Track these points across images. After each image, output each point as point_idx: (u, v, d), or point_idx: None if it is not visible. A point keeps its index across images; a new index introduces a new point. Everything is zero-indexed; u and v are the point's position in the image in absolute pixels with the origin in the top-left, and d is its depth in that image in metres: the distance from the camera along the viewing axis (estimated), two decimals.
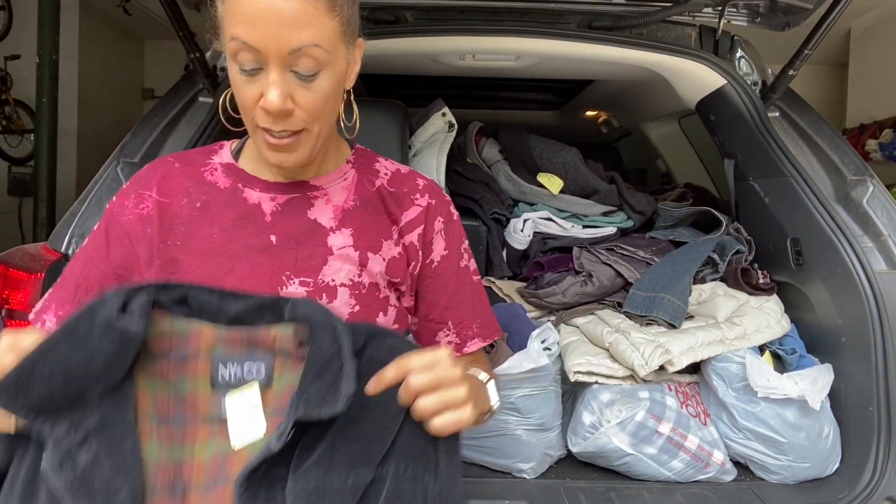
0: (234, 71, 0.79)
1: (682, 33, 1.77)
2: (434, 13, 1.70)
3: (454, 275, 0.97)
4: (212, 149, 0.98)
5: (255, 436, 0.66)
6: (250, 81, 0.78)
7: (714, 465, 1.51)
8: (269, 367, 0.67)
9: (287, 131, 0.80)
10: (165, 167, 0.93)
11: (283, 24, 0.73)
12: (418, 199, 0.96)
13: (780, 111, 1.75)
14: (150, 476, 0.63)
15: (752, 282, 1.73)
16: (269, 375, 0.67)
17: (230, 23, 0.75)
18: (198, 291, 0.68)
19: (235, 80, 0.80)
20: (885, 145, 4.74)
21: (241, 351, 0.68)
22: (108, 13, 5.18)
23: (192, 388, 0.67)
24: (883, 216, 1.52)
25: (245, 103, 0.80)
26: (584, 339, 1.69)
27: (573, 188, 2.07)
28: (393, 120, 1.82)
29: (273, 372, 0.67)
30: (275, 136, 0.81)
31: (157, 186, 0.90)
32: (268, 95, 0.76)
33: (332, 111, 0.85)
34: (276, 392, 0.67)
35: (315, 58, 0.77)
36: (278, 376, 0.68)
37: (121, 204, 0.90)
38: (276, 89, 0.76)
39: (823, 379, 1.48)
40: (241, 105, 0.82)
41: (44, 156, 3.37)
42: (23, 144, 4.94)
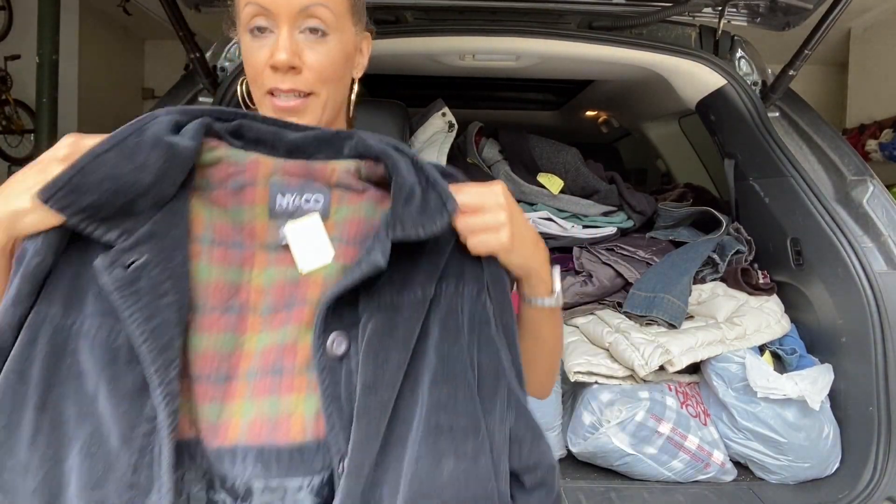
0: (247, 39, 0.82)
1: (682, 33, 1.77)
2: (434, 13, 1.70)
3: None
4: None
5: (324, 261, 0.68)
6: (261, 45, 0.81)
7: (714, 465, 1.51)
8: (326, 199, 0.69)
9: (295, 91, 0.82)
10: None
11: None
12: None
13: (780, 111, 1.75)
14: (200, 293, 0.65)
15: (752, 282, 1.73)
16: (326, 207, 0.69)
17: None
18: (254, 121, 0.69)
19: (247, 49, 0.83)
20: (885, 145, 4.74)
21: (299, 182, 0.69)
22: (108, 13, 5.18)
23: (250, 216, 0.68)
24: (883, 216, 1.52)
25: (255, 67, 0.82)
26: (584, 339, 1.69)
27: (573, 188, 2.07)
28: (393, 120, 1.82)
29: (330, 205, 0.69)
30: (282, 98, 0.82)
31: None
32: (276, 50, 0.79)
33: (341, 81, 0.87)
34: (336, 222, 0.70)
35: (322, 18, 0.81)
36: (336, 209, 0.70)
37: None
38: (285, 43, 0.80)
39: (823, 379, 1.48)
40: (251, 72, 0.83)
41: None
42: (23, 144, 4.94)
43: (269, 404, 0.65)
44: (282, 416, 0.65)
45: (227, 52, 1.62)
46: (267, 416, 0.65)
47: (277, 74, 0.81)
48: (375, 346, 0.65)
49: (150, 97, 6.03)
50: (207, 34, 1.56)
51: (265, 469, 0.63)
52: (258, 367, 0.66)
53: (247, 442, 0.64)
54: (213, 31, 1.26)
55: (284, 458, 0.64)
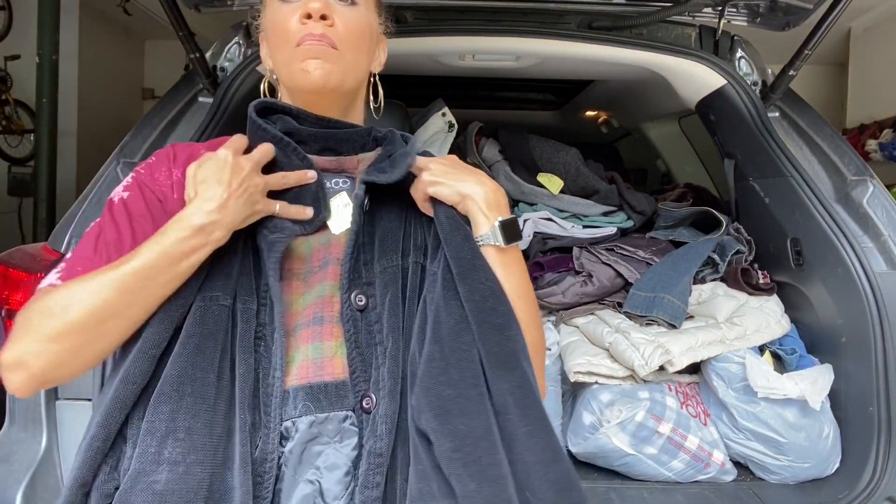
0: (277, 7, 0.87)
1: (682, 33, 1.77)
2: (434, 13, 1.70)
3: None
4: (221, 142, 0.98)
5: (347, 225, 0.86)
6: (292, 8, 0.86)
7: (714, 465, 1.51)
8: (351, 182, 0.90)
9: (324, 40, 0.85)
10: (190, 148, 0.93)
11: None
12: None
13: (780, 111, 1.75)
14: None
15: (752, 282, 1.73)
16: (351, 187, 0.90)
17: None
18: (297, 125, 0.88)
19: (275, 13, 0.88)
20: (885, 145, 4.74)
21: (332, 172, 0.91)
22: (108, 13, 5.17)
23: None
24: (883, 216, 1.52)
25: (285, 26, 0.86)
26: (584, 339, 1.69)
27: (573, 188, 2.07)
28: (393, 120, 1.82)
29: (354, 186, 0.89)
30: (312, 44, 0.85)
31: (182, 167, 0.88)
32: (309, 2, 0.84)
33: (363, 56, 0.91)
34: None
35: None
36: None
37: (152, 178, 0.87)
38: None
39: (823, 379, 1.48)
40: (280, 33, 0.87)
41: (44, 156, 3.37)
42: (23, 144, 4.93)
43: (314, 349, 0.78)
44: (325, 357, 0.78)
45: (227, 52, 1.62)
46: (312, 358, 0.77)
47: (309, 24, 0.85)
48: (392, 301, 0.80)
49: (150, 97, 6.02)
50: (207, 34, 1.56)
51: (315, 403, 0.75)
52: (303, 320, 0.79)
53: (297, 382, 0.76)
54: (213, 31, 1.27)
55: (331, 392, 0.76)
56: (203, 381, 0.72)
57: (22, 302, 1.29)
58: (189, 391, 0.71)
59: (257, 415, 0.74)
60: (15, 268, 1.33)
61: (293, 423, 0.75)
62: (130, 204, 0.83)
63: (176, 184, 0.87)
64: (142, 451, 0.69)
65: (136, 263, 0.72)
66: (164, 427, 0.69)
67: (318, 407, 0.75)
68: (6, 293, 1.31)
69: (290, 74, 0.87)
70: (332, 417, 0.76)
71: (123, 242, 0.80)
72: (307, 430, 0.74)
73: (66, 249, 1.36)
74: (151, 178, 0.86)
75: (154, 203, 0.84)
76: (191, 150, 0.92)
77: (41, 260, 1.34)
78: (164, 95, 1.61)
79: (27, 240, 4.51)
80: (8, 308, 1.31)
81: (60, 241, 1.37)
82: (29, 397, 1.32)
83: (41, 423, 1.31)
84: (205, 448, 0.70)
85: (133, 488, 0.67)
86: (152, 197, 0.85)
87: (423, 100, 2.28)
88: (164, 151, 0.91)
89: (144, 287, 0.72)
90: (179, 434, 0.69)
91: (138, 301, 0.73)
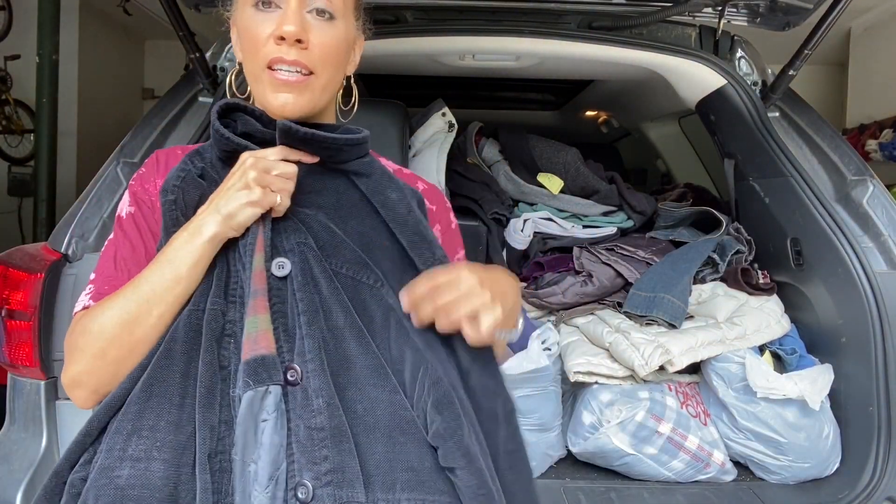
0: (248, 12, 0.83)
1: (682, 33, 1.77)
2: (434, 13, 1.70)
3: None
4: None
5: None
6: (266, 18, 0.82)
7: (714, 465, 1.51)
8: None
9: (297, 66, 0.82)
10: (172, 157, 0.92)
11: None
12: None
13: (780, 111, 1.75)
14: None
15: (752, 282, 1.73)
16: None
17: None
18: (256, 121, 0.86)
19: (248, 19, 0.83)
20: (885, 145, 4.73)
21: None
22: (108, 13, 5.17)
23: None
24: (883, 216, 1.52)
25: (256, 40, 0.83)
26: (584, 339, 1.69)
27: (573, 188, 2.07)
28: (393, 120, 1.82)
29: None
30: (284, 72, 0.82)
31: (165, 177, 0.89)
32: (285, 21, 0.81)
33: (339, 69, 0.88)
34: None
35: (332, 1, 0.84)
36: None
37: (143, 188, 0.89)
38: (295, 16, 0.81)
39: (823, 379, 1.48)
40: (250, 45, 0.84)
41: (44, 156, 3.37)
42: (23, 144, 4.93)
43: (250, 323, 0.76)
44: (260, 331, 0.75)
45: (227, 52, 1.62)
46: (248, 333, 0.75)
47: (282, 46, 0.81)
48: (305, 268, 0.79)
49: (150, 97, 6.01)
50: (207, 34, 1.55)
51: (253, 378, 0.72)
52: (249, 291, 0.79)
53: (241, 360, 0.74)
54: (213, 31, 1.26)
55: (269, 364, 0.74)
56: (169, 382, 0.74)
57: (22, 301, 1.30)
58: (156, 392, 0.73)
59: (224, 412, 0.74)
60: (15, 268, 1.33)
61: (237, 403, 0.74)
62: (136, 218, 0.86)
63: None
64: (109, 448, 0.72)
65: (150, 276, 0.77)
66: (130, 426, 0.72)
67: (255, 381, 0.73)
68: (6, 293, 1.31)
69: (261, 94, 0.86)
70: (273, 391, 0.73)
71: (138, 256, 0.84)
72: (248, 406, 0.72)
73: (66, 249, 1.36)
74: (144, 190, 0.89)
75: (148, 213, 0.87)
76: (170, 154, 0.93)
77: (41, 260, 1.34)
78: (164, 95, 1.61)
79: (27, 240, 4.51)
80: (8, 308, 1.31)
81: (60, 241, 1.37)
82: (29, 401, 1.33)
83: (41, 423, 1.31)
84: (168, 446, 0.71)
85: (97, 482, 0.70)
86: (146, 208, 0.87)
87: (423, 100, 2.28)
88: (151, 161, 0.92)
89: (160, 298, 0.76)
90: (144, 432, 0.71)
91: (159, 308, 0.76)
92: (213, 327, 0.76)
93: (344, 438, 0.72)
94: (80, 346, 0.77)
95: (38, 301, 1.28)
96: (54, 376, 1.32)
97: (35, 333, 1.28)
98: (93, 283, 0.84)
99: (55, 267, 1.32)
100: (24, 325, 1.29)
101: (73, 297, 1.30)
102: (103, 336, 0.76)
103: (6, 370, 1.35)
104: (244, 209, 0.77)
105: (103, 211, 1.39)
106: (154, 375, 0.74)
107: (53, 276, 1.32)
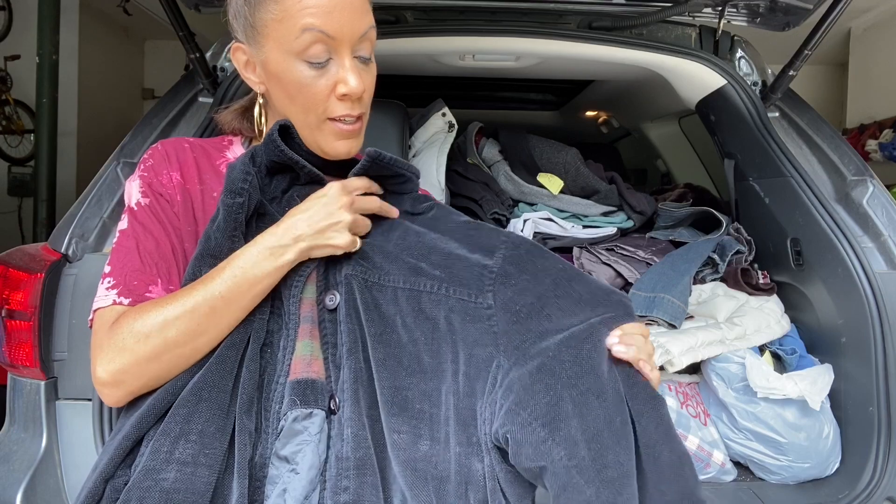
0: (301, 68, 0.82)
1: (682, 33, 1.77)
2: (434, 13, 1.70)
3: None
4: (220, 143, 0.98)
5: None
6: (321, 74, 0.82)
7: (714, 465, 1.51)
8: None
9: (354, 116, 0.85)
10: (181, 151, 0.92)
11: (355, 10, 0.81)
12: None
13: (780, 111, 1.75)
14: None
15: (752, 282, 1.73)
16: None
17: (298, 17, 0.79)
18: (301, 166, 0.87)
19: (302, 77, 0.82)
20: (885, 145, 4.74)
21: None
22: (108, 13, 5.18)
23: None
24: (883, 216, 1.52)
25: (316, 97, 0.83)
26: None
27: (573, 188, 2.07)
28: (393, 120, 1.82)
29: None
30: (347, 122, 0.85)
31: (179, 170, 0.89)
32: (349, 80, 0.82)
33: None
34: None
35: (372, 41, 0.85)
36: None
37: (157, 180, 0.87)
38: (356, 73, 0.82)
39: (823, 379, 1.48)
40: (308, 101, 0.83)
41: (44, 156, 3.37)
42: (23, 144, 4.93)
43: (304, 346, 0.80)
44: (313, 355, 0.79)
45: (227, 52, 1.62)
46: (301, 355, 0.79)
47: (346, 103, 0.83)
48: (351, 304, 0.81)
49: (150, 97, 6.02)
50: (207, 34, 1.56)
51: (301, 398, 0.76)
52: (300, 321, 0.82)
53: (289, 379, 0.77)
54: (213, 31, 1.26)
55: (318, 389, 0.77)
56: (220, 388, 0.74)
57: (22, 301, 1.29)
58: (206, 396, 0.74)
59: (259, 419, 0.75)
60: (15, 268, 1.33)
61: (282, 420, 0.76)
62: (154, 210, 0.85)
63: (178, 187, 0.87)
64: (154, 450, 0.71)
65: (222, 288, 0.76)
66: (178, 429, 0.72)
67: (303, 401, 0.76)
68: (6, 293, 1.31)
69: (320, 140, 0.86)
70: (317, 415, 0.76)
71: (164, 251, 0.83)
72: (290, 425, 0.75)
73: (66, 249, 1.36)
74: (158, 181, 0.87)
75: (166, 206, 0.86)
76: (178, 146, 0.92)
77: (41, 260, 1.34)
78: (164, 95, 1.61)
79: (27, 240, 4.51)
80: (8, 308, 1.31)
81: (60, 242, 1.37)
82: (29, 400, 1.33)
83: (41, 423, 1.31)
84: (214, 452, 0.71)
85: (142, 484, 0.69)
86: (164, 200, 0.86)
87: (423, 100, 2.28)
88: (158, 152, 0.90)
89: (229, 309, 0.77)
90: (192, 436, 0.71)
91: (225, 320, 0.77)
92: (258, 336, 0.78)
93: (368, 471, 0.72)
94: (127, 346, 0.75)
95: (38, 301, 1.28)
96: (54, 376, 1.32)
97: (35, 333, 1.28)
98: (113, 277, 0.81)
99: (55, 267, 1.32)
100: (24, 326, 1.29)
101: (73, 298, 1.30)
102: (162, 340, 0.75)
103: (6, 370, 1.35)
104: (326, 249, 0.80)
105: (103, 211, 1.39)
106: (206, 380, 0.74)
107: (53, 277, 1.31)
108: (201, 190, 0.89)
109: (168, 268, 0.83)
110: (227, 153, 0.95)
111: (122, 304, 0.79)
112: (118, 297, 0.80)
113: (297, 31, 0.79)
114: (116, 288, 0.80)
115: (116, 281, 0.81)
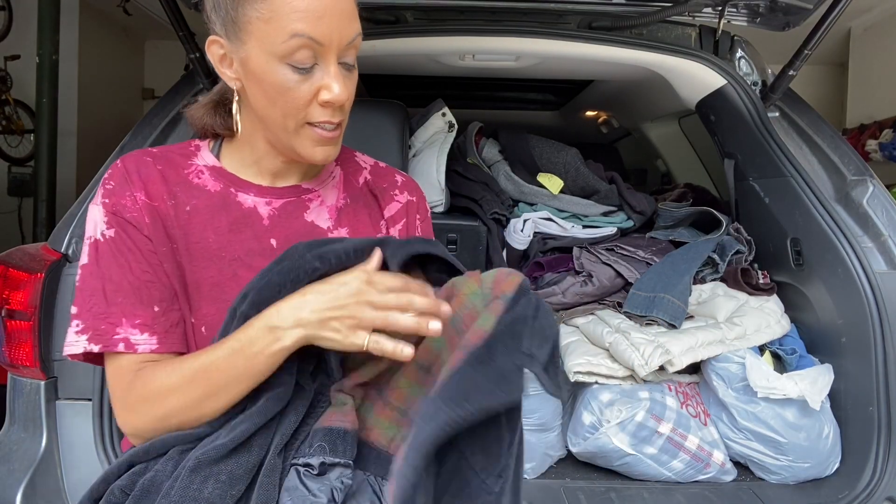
0: (285, 71, 0.79)
1: (682, 33, 1.77)
2: (434, 13, 1.70)
3: None
4: (187, 148, 0.94)
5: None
6: (305, 79, 0.80)
7: (714, 465, 1.51)
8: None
9: (334, 123, 0.84)
10: (143, 167, 0.88)
11: (344, 17, 0.79)
12: (398, 196, 1.00)
13: (780, 111, 1.75)
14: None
15: (752, 282, 1.73)
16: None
17: (287, 20, 0.76)
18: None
19: (285, 81, 0.79)
20: (885, 145, 4.73)
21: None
22: (108, 13, 5.18)
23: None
24: (883, 216, 1.52)
25: (297, 102, 0.81)
26: (584, 339, 1.69)
27: (573, 188, 2.07)
28: (393, 120, 1.82)
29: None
30: (327, 129, 0.83)
31: (143, 189, 0.86)
32: (334, 88, 0.80)
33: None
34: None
35: (357, 48, 0.84)
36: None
37: (121, 205, 0.84)
38: (340, 80, 0.81)
39: (823, 379, 1.48)
40: (290, 105, 0.81)
41: (44, 156, 3.37)
42: (23, 144, 4.94)
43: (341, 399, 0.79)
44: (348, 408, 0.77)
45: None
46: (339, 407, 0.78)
47: (328, 109, 0.82)
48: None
49: (150, 97, 6.02)
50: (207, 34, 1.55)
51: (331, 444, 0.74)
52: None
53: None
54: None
55: (349, 440, 0.74)
56: (263, 436, 0.75)
57: (22, 302, 1.30)
58: (243, 440, 0.74)
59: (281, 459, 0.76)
60: (15, 268, 1.33)
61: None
62: (119, 239, 0.83)
63: (144, 208, 0.84)
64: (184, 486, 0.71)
65: (218, 357, 0.76)
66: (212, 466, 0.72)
67: (332, 450, 0.74)
68: (6, 293, 1.31)
69: (296, 145, 0.84)
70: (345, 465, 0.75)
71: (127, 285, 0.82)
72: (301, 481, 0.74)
73: (66, 249, 1.36)
74: (122, 206, 0.84)
75: (134, 232, 0.84)
76: (139, 162, 0.88)
77: (41, 260, 1.34)
78: (164, 95, 1.61)
79: (27, 240, 4.52)
80: (8, 308, 1.31)
81: (60, 241, 1.37)
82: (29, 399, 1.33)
83: (41, 423, 1.31)
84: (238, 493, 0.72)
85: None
86: (131, 227, 0.84)
87: (423, 100, 2.28)
88: (118, 172, 0.86)
89: (231, 379, 0.76)
90: (222, 476, 0.72)
91: (232, 387, 0.76)
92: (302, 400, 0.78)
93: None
94: (137, 409, 0.79)
95: (38, 301, 1.29)
96: (54, 376, 1.32)
97: (35, 333, 1.28)
98: (81, 320, 0.81)
99: (55, 267, 1.32)
100: (24, 325, 1.29)
101: (73, 298, 1.30)
102: (167, 408, 0.77)
103: (6, 370, 1.35)
104: (325, 342, 0.74)
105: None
106: (249, 428, 0.74)
107: (53, 276, 1.32)
108: (173, 205, 0.86)
109: (133, 303, 0.81)
110: (195, 160, 0.92)
111: (92, 352, 0.81)
112: (88, 343, 0.80)
113: (284, 35, 0.77)
114: (86, 333, 0.81)
115: (85, 325, 0.81)
